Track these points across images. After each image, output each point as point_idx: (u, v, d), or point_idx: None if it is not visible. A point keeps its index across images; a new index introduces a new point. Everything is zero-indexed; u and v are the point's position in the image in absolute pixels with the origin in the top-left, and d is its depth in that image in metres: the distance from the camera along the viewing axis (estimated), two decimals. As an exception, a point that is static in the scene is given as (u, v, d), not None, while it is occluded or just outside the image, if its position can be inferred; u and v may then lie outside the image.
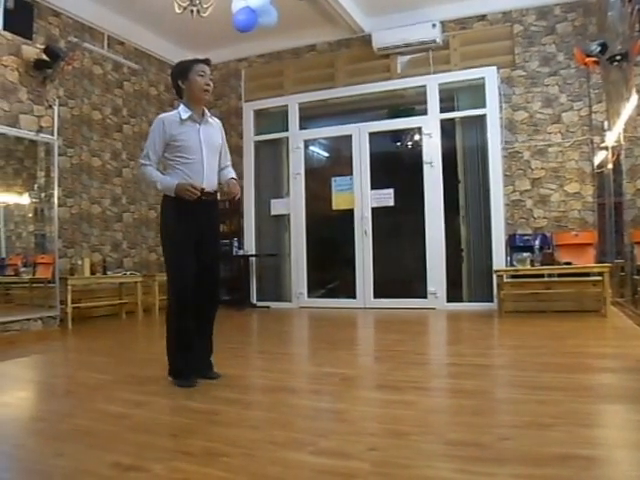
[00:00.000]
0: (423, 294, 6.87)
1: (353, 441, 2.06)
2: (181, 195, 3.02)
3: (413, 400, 2.65)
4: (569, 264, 5.80)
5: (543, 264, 5.94)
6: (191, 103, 3.18)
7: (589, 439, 2.01)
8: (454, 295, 6.83)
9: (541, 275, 5.98)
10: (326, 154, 8.56)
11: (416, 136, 7.31)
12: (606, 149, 6.02)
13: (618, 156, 5.72)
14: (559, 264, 5.87)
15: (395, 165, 7.68)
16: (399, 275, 7.56)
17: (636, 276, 5.29)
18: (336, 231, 7.78)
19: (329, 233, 7.94)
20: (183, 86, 3.18)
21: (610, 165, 5.98)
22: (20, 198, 5.91)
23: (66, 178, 6.22)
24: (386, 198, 7.18)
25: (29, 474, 1.87)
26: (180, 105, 3.20)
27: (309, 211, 7.63)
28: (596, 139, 6.21)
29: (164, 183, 3.08)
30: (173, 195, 3.05)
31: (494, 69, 6.62)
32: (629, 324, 4.98)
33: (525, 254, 6.07)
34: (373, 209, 7.22)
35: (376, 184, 7.23)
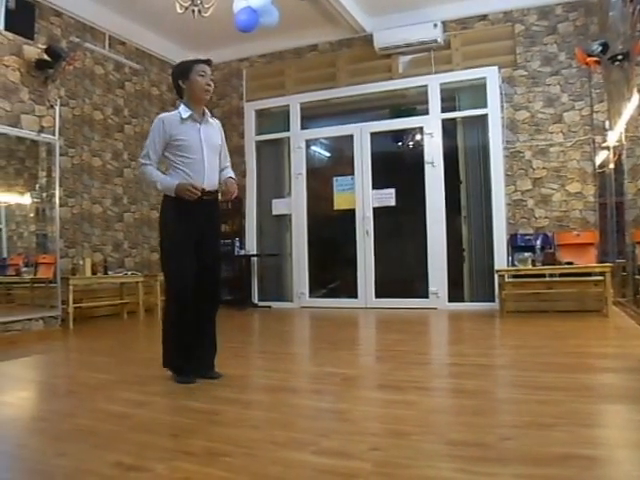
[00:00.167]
0: (424, 294, 6.87)
1: (354, 441, 2.06)
2: (181, 195, 3.02)
3: (415, 400, 2.65)
4: (570, 264, 5.79)
5: (544, 264, 5.93)
6: (192, 103, 3.18)
7: (591, 439, 2.01)
8: (455, 295, 6.82)
9: (542, 275, 5.97)
10: (327, 154, 8.55)
11: (417, 136, 7.30)
12: (607, 149, 6.02)
13: (619, 156, 5.72)
14: (560, 264, 5.87)
15: (396, 165, 7.67)
16: (400, 275, 7.56)
17: (637, 276, 5.29)
18: (337, 231, 7.78)
19: (330, 233, 7.94)
20: (184, 86, 3.18)
21: (611, 165, 5.97)
22: (22, 198, 5.92)
23: (67, 178, 6.23)
24: (387, 198, 7.18)
25: (31, 474, 1.87)
26: (180, 105, 3.20)
27: (310, 211, 7.63)
28: (597, 139, 6.21)
29: (164, 183, 3.09)
30: (173, 195, 3.05)
31: (495, 69, 6.62)
32: (631, 324, 4.98)
33: (526, 254, 6.06)
34: (374, 209, 7.21)
35: (377, 184, 7.23)
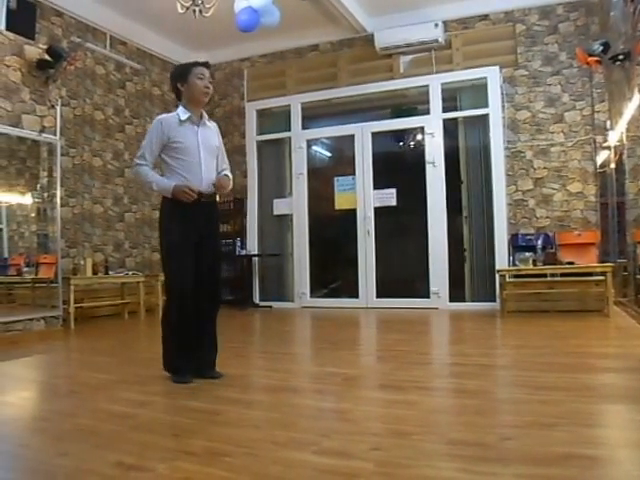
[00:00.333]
0: (426, 294, 6.87)
1: (355, 441, 2.06)
2: (178, 197, 3.03)
3: (416, 400, 2.65)
4: (572, 264, 5.79)
5: (546, 264, 5.93)
6: (190, 105, 3.19)
7: (592, 439, 2.01)
8: (457, 295, 6.82)
9: (544, 275, 5.97)
10: (329, 154, 8.55)
11: (419, 136, 7.30)
12: (608, 149, 6.01)
13: (621, 156, 5.72)
14: (562, 264, 5.86)
15: (398, 165, 7.67)
16: (401, 275, 7.55)
17: (639, 276, 5.29)
18: (338, 231, 7.78)
19: (332, 233, 7.94)
20: (182, 89, 3.19)
21: (613, 165, 5.97)
22: (23, 198, 5.93)
23: (68, 178, 6.23)
24: (388, 198, 7.18)
25: (32, 473, 1.87)
26: (179, 107, 3.21)
27: (312, 211, 7.64)
28: (599, 139, 6.20)
29: (160, 184, 3.09)
30: (170, 197, 3.07)
31: (496, 69, 6.62)
32: (632, 324, 4.97)
33: (528, 254, 6.06)
34: (375, 209, 7.21)
35: (379, 184, 7.23)
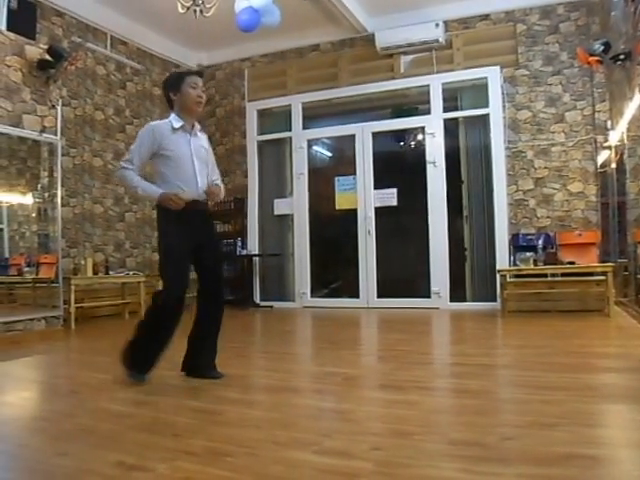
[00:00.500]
0: (426, 294, 6.86)
1: (356, 441, 2.06)
2: (165, 205, 3.00)
3: (416, 400, 2.65)
4: (572, 264, 5.78)
5: (546, 264, 5.93)
6: (183, 114, 3.15)
7: (593, 439, 2.00)
8: (457, 295, 6.82)
9: (544, 275, 5.97)
10: (329, 154, 8.55)
11: (419, 136, 7.29)
12: (609, 148, 6.00)
13: (621, 155, 5.71)
14: (562, 264, 5.86)
15: (398, 165, 7.67)
16: (402, 275, 7.55)
17: (639, 275, 5.28)
18: (339, 231, 7.78)
19: (332, 233, 7.94)
20: (174, 98, 3.15)
21: (613, 164, 5.96)
22: (23, 198, 5.93)
23: (69, 178, 6.23)
24: (389, 198, 7.18)
25: (32, 473, 1.87)
26: (171, 114, 3.17)
27: (312, 211, 7.64)
28: (599, 138, 6.20)
29: (147, 190, 3.06)
30: (155, 203, 3.06)
31: (497, 68, 6.61)
32: (633, 324, 4.97)
33: (528, 254, 6.05)
34: (376, 209, 7.21)
35: (379, 184, 7.23)
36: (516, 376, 3.20)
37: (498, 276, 6.19)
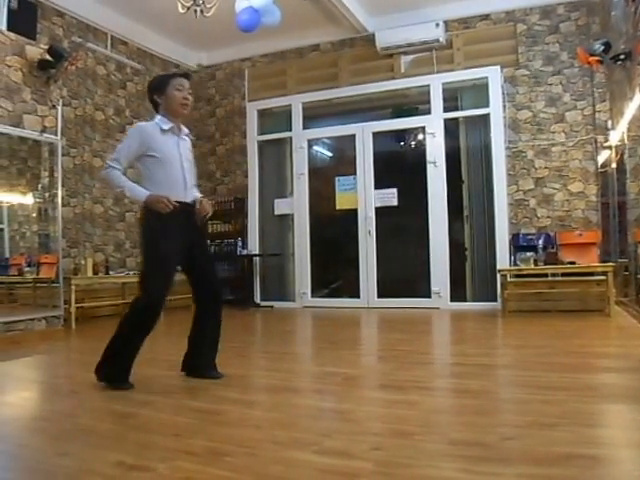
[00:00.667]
0: (427, 294, 6.86)
1: (356, 441, 2.06)
2: (153, 207, 2.94)
3: (417, 400, 2.65)
4: (573, 263, 5.78)
5: (547, 264, 5.93)
6: (169, 117, 3.10)
7: (593, 439, 2.00)
8: (458, 295, 6.82)
9: (545, 275, 5.97)
10: (330, 154, 8.55)
11: (420, 136, 7.29)
12: (610, 148, 6.00)
13: (622, 155, 5.71)
14: (563, 263, 5.86)
15: (399, 165, 7.66)
16: (403, 275, 7.55)
17: (640, 275, 5.28)
18: (340, 231, 7.78)
19: (333, 233, 7.94)
20: (160, 100, 3.10)
21: (614, 164, 5.96)
22: (24, 198, 5.93)
23: (69, 178, 6.24)
24: (390, 198, 7.18)
25: (32, 473, 1.87)
26: (157, 117, 3.12)
27: (313, 211, 7.63)
28: (600, 138, 6.19)
29: (134, 191, 3.00)
30: (142, 205, 2.99)
31: (497, 68, 6.61)
32: (633, 323, 4.97)
33: (529, 253, 6.05)
34: (377, 209, 7.21)
35: (380, 184, 7.23)
36: (516, 376, 3.20)
37: (498, 276, 6.19)
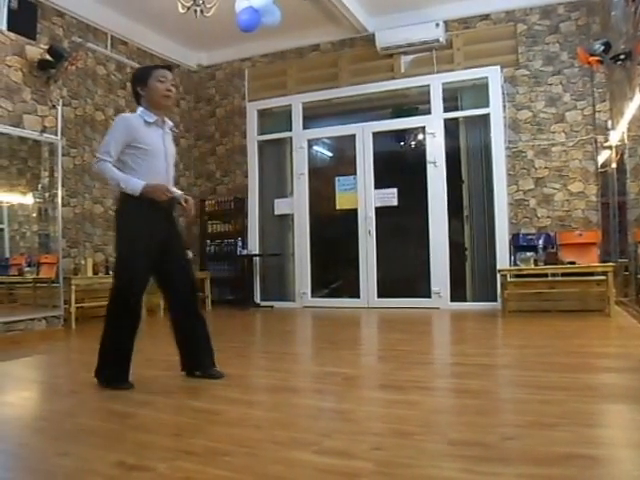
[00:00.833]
0: (427, 294, 6.86)
1: (356, 441, 2.06)
2: (150, 195, 2.93)
3: (417, 400, 2.65)
4: (573, 263, 5.78)
5: (547, 263, 5.93)
6: (152, 109, 3.09)
7: (593, 439, 2.00)
8: (458, 295, 6.82)
9: (545, 275, 5.97)
10: (330, 154, 8.55)
11: (420, 136, 7.29)
12: (610, 148, 6.00)
13: (622, 155, 5.71)
14: (563, 263, 5.86)
15: (399, 165, 7.66)
16: (403, 275, 7.55)
17: (640, 275, 5.28)
18: (340, 231, 7.77)
19: (333, 233, 7.93)
20: (142, 92, 3.09)
21: (614, 164, 5.96)
22: (24, 198, 5.93)
23: (69, 178, 6.24)
24: (390, 198, 7.18)
25: (32, 473, 1.87)
26: (139, 109, 3.10)
27: (313, 211, 7.63)
28: (600, 138, 6.19)
29: (129, 182, 2.95)
30: (137, 195, 2.94)
31: (497, 68, 6.61)
32: (633, 323, 4.97)
33: (529, 253, 6.05)
34: (377, 209, 7.21)
35: (380, 184, 7.23)
36: (516, 376, 3.20)
37: (498, 276, 6.19)
